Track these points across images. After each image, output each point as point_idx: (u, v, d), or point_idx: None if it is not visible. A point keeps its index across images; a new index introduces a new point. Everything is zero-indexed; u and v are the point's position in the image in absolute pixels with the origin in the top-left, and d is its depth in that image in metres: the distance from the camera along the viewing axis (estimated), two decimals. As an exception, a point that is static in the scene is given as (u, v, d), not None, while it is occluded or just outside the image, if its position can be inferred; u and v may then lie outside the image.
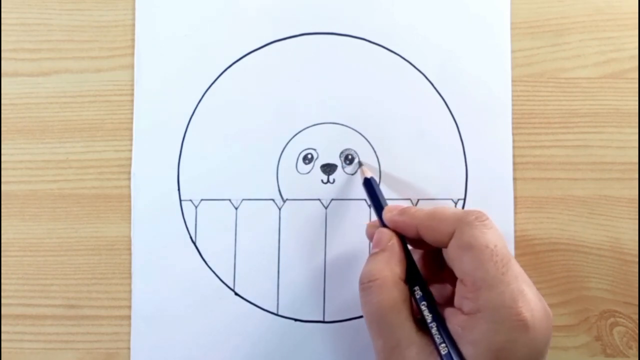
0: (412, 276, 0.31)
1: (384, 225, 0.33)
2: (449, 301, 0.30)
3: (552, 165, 0.38)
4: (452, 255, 0.29)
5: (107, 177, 0.38)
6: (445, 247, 0.30)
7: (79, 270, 0.38)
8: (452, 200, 0.37)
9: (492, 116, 0.38)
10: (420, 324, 0.29)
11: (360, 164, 0.37)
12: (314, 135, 0.38)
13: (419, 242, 0.32)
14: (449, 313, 0.29)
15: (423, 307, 0.29)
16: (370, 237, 0.33)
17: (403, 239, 0.32)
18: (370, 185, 0.35)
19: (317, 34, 0.38)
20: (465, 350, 0.27)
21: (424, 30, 0.38)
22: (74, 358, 0.37)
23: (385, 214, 0.33)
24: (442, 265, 0.31)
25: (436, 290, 0.33)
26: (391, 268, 0.30)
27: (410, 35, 0.38)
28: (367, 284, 0.30)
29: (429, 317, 0.29)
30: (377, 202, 0.34)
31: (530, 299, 0.28)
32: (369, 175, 0.36)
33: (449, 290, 0.32)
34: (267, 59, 0.38)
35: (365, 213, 0.37)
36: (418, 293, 0.30)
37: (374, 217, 0.37)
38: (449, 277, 0.31)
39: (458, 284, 0.29)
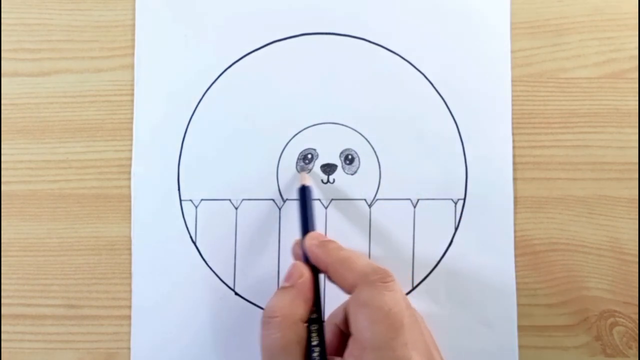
0: (314, 316, 0.30)
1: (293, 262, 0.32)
2: None
3: (552, 165, 0.38)
4: (350, 309, 0.29)
5: (107, 177, 0.38)
6: (350, 294, 0.30)
7: (79, 270, 0.38)
8: (452, 200, 0.37)
9: (492, 116, 0.38)
10: None
11: (302, 169, 0.37)
12: (314, 135, 0.38)
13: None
14: None
15: (315, 352, 0.29)
16: (295, 256, 0.33)
17: (316, 272, 0.32)
18: (304, 195, 0.35)
19: (317, 34, 0.38)
20: None
21: (424, 30, 0.38)
22: (74, 358, 0.37)
23: (306, 240, 0.32)
24: None
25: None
26: (294, 308, 0.30)
27: (410, 35, 0.38)
28: (267, 319, 0.30)
29: None
30: (305, 217, 0.34)
31: None
32: (307, 183, 0.35)
33: None
34: (267, 59, 0.38)
35: (365, 213, 0.37)
36: (314, 338, 0.30)
37: (356, 217, 0.37)
38: None
39: (350, 340, 0.29)
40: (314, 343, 0.30)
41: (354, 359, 0.28)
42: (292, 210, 0.37)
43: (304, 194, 0.35)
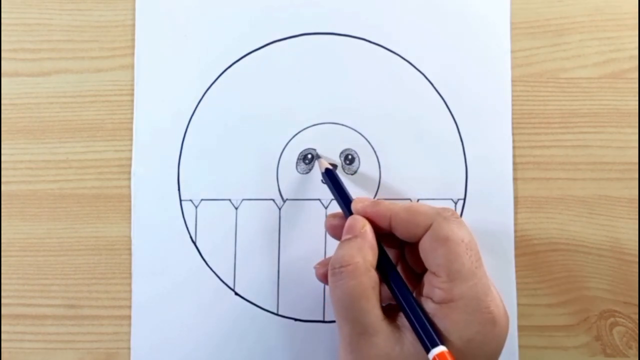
0: (383, 263, 0.31)
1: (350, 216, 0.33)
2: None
3: (552, 165, 0.38)
4: (427, 248, 0.30)
5: (107, 177, 0.38)
6: (416, 240, 0.30)
7: (79, 270, 0.38)
8: (452, 200, 0.37)
9: (492, 116, 0.38)
10: (387, 312, 0.30)
11: (317, 156, 0.37)
12: (314, 135, 0.38)
13: (383, 237, 0.32)
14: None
15: (397, 291, 0.30)
16: (331, 228, 0.33)
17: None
18: (332, 176, 0.35)
19: (317, 34, 0.38)
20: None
21: (424, 30, 0.38)
22: (74, 358, 0.37)
23: (356, 204, 0.32)
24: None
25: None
26: (363, 255, 0.30)
27: (410, 35, 0.38)
28: (338, 269, 0.30)
29: (404, 300, 0.29)
30: (342, 192, 0.34)
31: (495, 296, 0.29)
32: (328, 166, 0.36)
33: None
34: (267, 59, 0.38)
35: (365, 213, 0.37)
36: (393, 277, 0.30)
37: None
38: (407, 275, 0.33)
39: (429, 275, 0.30)
40: (393, 281, 0.30)
41: (443, 291, 0.29)
42: (292, 210, 0.37)
43: (332, 175, 0.35)
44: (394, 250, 0.33)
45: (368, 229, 0.31)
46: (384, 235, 0.32)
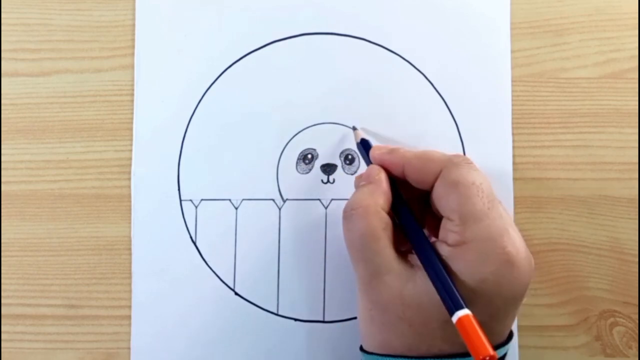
0: (397, 209, 0.31)
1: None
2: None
3: (552, 165, 0.38)
4: (439, 194, 0.30)
5: (107, 177, 0.38)
6: (430, 187, 0.31)
7: (79, 270, 0.38)
8: (452, 200, 0.37)
9: (492, 116, 0.38)
10: (400, 253, 0.30)
11: (354, 128, 0.37)
12: (314, 135, 0.38)
13: (402, 185, 0.32)
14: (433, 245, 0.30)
15: (412, 235, 0.30)
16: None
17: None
18: (367, 146, 0.35)
19: (317, 34, 0.38)
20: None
21: (424, 30, 0.38)
22: (74, 358, 0.37)
23: (374, 152, 0.33)
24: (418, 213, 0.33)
25: None
26: (374, 198, 0.31)
27: (410, 35, 0.38)
28: (349, 212, 0.30)
29: (417, 242, 0.30)
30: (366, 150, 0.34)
31: (514, 238, 0.29)
32: (366, 138, 0.36)
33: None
34: (267, 59, 0.38)
35: (365, 213, 0.37)
36: (407, 221, 0.31)
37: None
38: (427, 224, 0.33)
39: (444, 221, 0.30)
40: (407, 227, 0.30)
41: (456, 234, 0.28)
42: (292, 210, 0.37)
43: (368, 145, 0.35)
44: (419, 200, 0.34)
45: (383, 176, 0.32)
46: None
